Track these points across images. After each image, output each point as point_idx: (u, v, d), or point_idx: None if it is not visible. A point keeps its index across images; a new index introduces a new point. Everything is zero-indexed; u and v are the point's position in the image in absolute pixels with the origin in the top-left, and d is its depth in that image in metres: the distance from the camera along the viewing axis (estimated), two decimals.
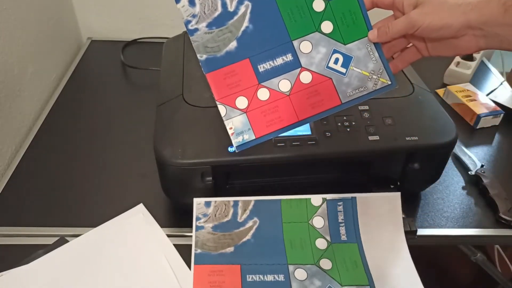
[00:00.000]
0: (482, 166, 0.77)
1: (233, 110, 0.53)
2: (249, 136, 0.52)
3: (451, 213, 0.70)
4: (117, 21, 1.17)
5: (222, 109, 0.52)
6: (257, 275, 0.56)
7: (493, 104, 0.90)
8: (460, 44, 0.49)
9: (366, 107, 0.65)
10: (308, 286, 0.56)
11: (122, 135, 0.85)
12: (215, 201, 0.61)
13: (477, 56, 1.05)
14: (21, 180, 0.75)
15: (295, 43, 0.53)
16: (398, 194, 0.61)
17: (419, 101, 0.68)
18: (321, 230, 0.60)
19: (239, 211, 0.61)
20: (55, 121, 0.88)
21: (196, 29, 0.51)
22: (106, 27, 1.18)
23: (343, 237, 0.60)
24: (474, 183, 0.75)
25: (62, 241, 0.63)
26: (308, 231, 0.60)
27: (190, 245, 0.59)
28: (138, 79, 1.02)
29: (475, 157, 0.79)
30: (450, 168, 0.79)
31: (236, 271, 0.57)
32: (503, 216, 0.68)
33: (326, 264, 0.58)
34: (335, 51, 0.53)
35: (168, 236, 0.64)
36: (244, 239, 0.59)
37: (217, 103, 0.52)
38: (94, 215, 0.67)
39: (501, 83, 1.02)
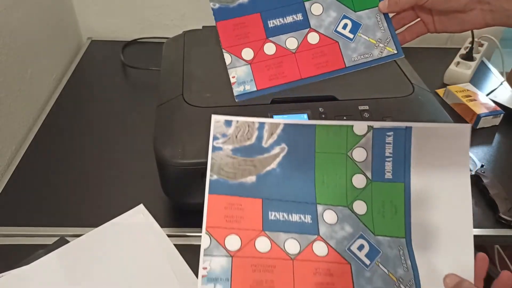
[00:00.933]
0: (482, 166, 0.77)
1: (238, 60, 0.53)
2: (250, 87, 0.52)
3: None
4: (117, 21, 1.17)
5: (227, 58, 0.53)
6: (280, 213, 0.48)
7: (493, 104, 0.90)
8: (467, 19, 0.49)
9: (366, 107, 0.65)
10: (338, 232, 0.48)
11: (122, 135, 0.85)
12: (237, 121, 0.51)
13: (477, 56, 1.05)
14: (21, 180, 0.75)
15: (307, 4, 0.54)
16: (469, 126, 0.48)
17: (419, 101, 0.68)
18: (361, 165, 0.50)
19: (265, 135, 0.51)
20: (55, 121, 0.88)
21: None
22: (106, 27, 1.18)
23: (388, 175, 0.50)
24: (474, 183, 0.75)
25: (62, 241, 0.63)
26: (345, 165, 0.50)
27: (191, 245, 0.59)
28: (138, 79, 1.02)
29: (475, 157, 0.79)
30: None
31: (257, 206, 0.48)
32: (503, 216, 0.68)
33: (360, 207, 0.49)
34: (344, 17, 0.54)
35: (168, 236, 0.64)
36: (269, 168, 0.50)
37: (224, 51, 0.52)
38: (94, 215, 0.67)
39: (501, 83, 1.02)
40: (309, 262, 0.46)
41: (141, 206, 0.68)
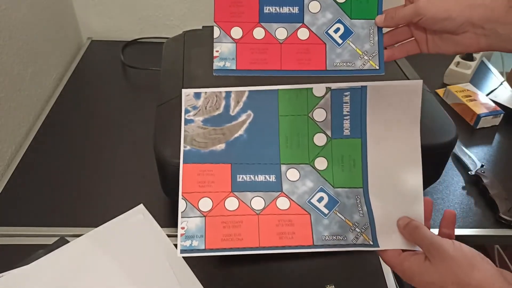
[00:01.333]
0: (482, 166, 0.77)
1: (225, 36, 0.54)
2: (230, 65, 0.53)
3: None
4: (117, 21, 1.17)
5: (216, 31, 0.54)
6: (247, 175, 0.53)
7: (493, 104, 0.90)
8: (461, 41, 0.49)
9: None
10: (299, 187, 0.53)
11: (122, 135, 0.85)
12: (205, 92, 0.55)
13: (477, 56, 1.05)
14: (21, 180, 0.75)
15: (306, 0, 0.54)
16: (420, 82, 0.53)
17: None
18: (321, 124, 0.54)
19: (232, 103, 0.55)
20: (55, 121, 0.88)
21: None
22: (106, 27, 1.18)
23: (346, 132, 0.54)
24: (474, 183, 0.75)
25: (62, 241, 0.63)
26: (307, 125, 0.54)
27: None
28: (138, 79, 1.02)
29: (475, 157, 0.79)
30: (450, 168, 0.79)
31: (226, 171, 0.53)
32: (503, 216, 0.68)
33: (321, 163, 0.54)
34: (339, 21, 0.54)
35: (168, 236, 0.64)
36: (237, 135, 0.54)
37: (214, 24, 0.53)
38: (94, 215, 0.67)
39: (501, 83, 1.02)
40: (272, 216, 0.52)
41: (141, 206, 0.68)
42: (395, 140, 0.53)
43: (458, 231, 0.68)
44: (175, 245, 0.62)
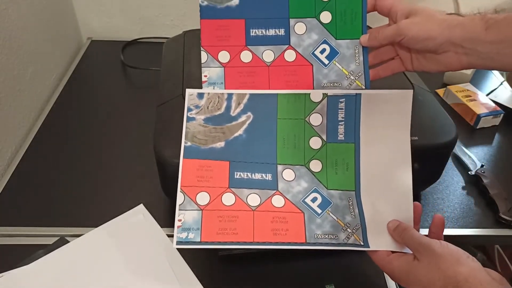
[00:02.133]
0: (482, 166, 0.77)
1: (213, 61, 0.55)
2: (219, 89, 0.56)
3: (451, 213, 0.70)
4: (117, 21, 1.17)
5: (203, 56, 0.55)
6: (245, 173, 0.55)
7: (493, 104, 0.90)
8: (443, 60, 0.50)
9: None
10: (294, 187, 0.55)
11: (122, 135, 0.85)
12: (208, 93, 0.57)
13: None
14: (21, 180, 0.75)
15: (292, 21, 0.55)
16: (410, 91, 0.54)
17: (419, 101, 0.68)
18: (317, 128, 0.56)
19: (233, 105, 0.57)
20: (55, 121, 0.88)
21: None
22: (106, 27, 1.18)
23: (340, 137, 0.56)
24: (474, 183, 0.75)
25: (62, 241, 0.63)
26: (303, 129, 0.56)
27: None
28: (138, 79, 1.02)
29: (475, 157, 0.79)
30: (450, 168, 0.79)
31: (224, 167, 0.55)
32: (503, 216, 0.68)
33: (316, 166, 0.56)
34: (325, 42, 0.55)
35: (168, 236, 0.64)
36: (236, 134, 0.56)
37: (201, 49, 0.55)
38: (94, 215, 0.67)
39: (501, 83, 1.02)
40: (267, 212, 0.53)
41: (141, 206, 0.68)
42: (386, 145, 0.55)
43: (458, 231, 0.68)
44: None
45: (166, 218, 0.67)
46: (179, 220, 0.51)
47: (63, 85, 0.99)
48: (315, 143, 0.56)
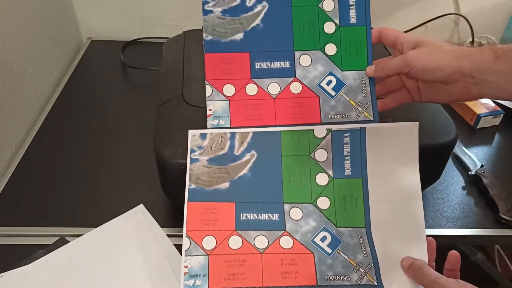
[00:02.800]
0: (482, 166, 0.77)
1: (218, 94, 0.54)
2: (225, 123, 0.54)
3: (451, 213, 0.70)
4: (117, 21, 1.17)
5: (208, 90, 0.54)
6: (251, 214, 0.53)
7: (493, 104, 0.90)
8: (452, 90, 0.49)
9: None
10: (303, 226, 0.53)
11: (122, 135, 0.85)
12: (211, 133, 0.56)
13: None
14: (21, 180, 0.75)
15: (297, 54, 0.54)
16: (416, 124, 0.54)
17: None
18: (323, 164, 0.55)
19: (236, 144, 0.56)
20: (55, 121, 0.88)
21: (211, 11, 0.53)
22: (106, 27, 1.18)
23: (347, 172, 0.54)
24: (474, 183, 0.75)
25: (62, 241, 0.63)
26: (309, 165, 0.55)
27: None
28: (138, 79, 1.02)
29: (475, 157, 0.79)
30: (450, 168, 0.79)
31: (230, 209, 0.54)
32: (503, 216, 0.68)
33: (323, 203, 0.54)
34: (331, 73, 0.54)
35: (168, 236, 0.64)
36: (241, 174, 0.55)
37: (206, 82, 0.54)
38: (94, 215, 0.67)
39: None
40: (276, 255, 0.51)
41: (141, 206, 0.68)
42: (395, 179, 0.54)
43: (458, 231, 0.68)
44: (175, 245, 0.62)
45: (166, 218, 0.67)
46: (186, 267, 0.50)
47: (63, 85, 0.99)
48: (322, 179, 0.55)
